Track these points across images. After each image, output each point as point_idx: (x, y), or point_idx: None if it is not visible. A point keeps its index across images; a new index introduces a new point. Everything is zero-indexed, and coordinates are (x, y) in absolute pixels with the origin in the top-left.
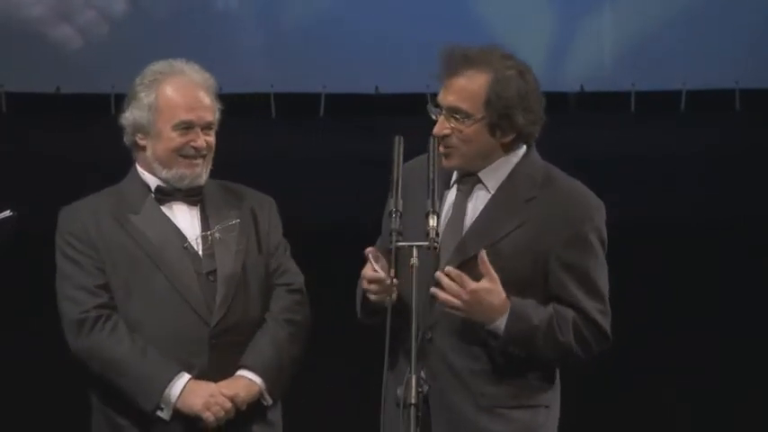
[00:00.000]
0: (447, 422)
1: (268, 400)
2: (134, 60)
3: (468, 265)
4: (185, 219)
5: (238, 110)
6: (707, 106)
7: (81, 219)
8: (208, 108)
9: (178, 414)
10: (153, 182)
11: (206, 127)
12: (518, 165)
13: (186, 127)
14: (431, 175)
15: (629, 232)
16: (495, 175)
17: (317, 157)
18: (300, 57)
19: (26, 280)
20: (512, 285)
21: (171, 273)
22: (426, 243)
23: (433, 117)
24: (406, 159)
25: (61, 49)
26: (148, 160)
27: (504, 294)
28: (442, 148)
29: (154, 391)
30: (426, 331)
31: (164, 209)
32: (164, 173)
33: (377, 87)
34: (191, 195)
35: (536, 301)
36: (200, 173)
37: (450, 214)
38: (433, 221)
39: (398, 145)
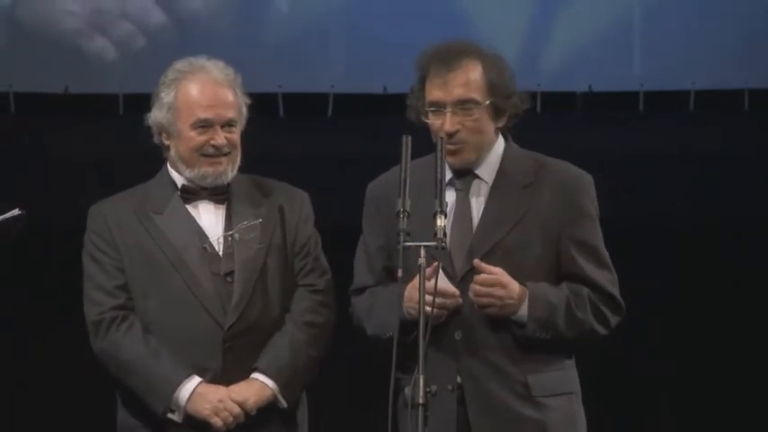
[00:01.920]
0: (489, 416)
1: (282, 404)
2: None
3: (489, 260)
4: (210, 218)
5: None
6: (715, 106)
7: (105, 217)
8: (228, 105)
9: (189, 417)
10: (180, 180)
11: (226, 124)
12: (504, 154)
13: (204, 125)
14: (438, 176)
15: (638, 231)
16: (487, 167)
17: (324, 157)
18: (308, 57)
19: (30, 279)
20: (527, 272)
21: (188, 274)
22: (434, 243)
23: (426, 120)
24: (413, 159)
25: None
26: (173, 159)
27: (517, 283)
28: (451, 146)
29: (163, 394)
30: (455, 331)
31: (189, 207)
32: (187, 172)
33: (385, 87)
34: (217, 194)
35: (550, 283)
36: (224, 171)
37: (455, 214)
38: (440, 221)
39: (406, 145)
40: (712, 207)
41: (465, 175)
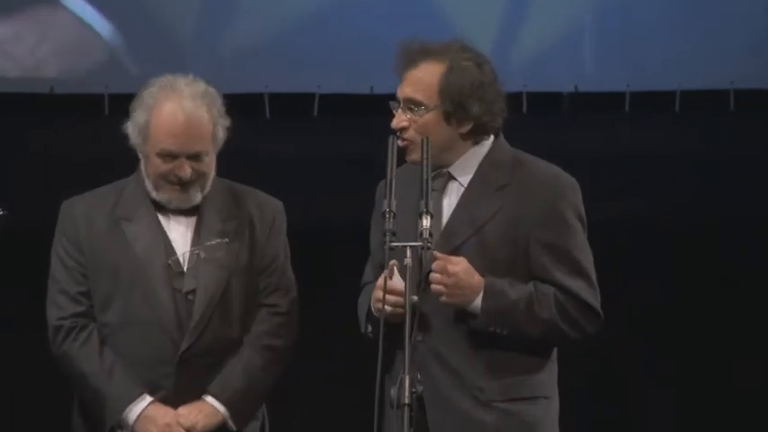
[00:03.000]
0: (445, 420)
1: (232, 428)
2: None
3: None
4: (179, 229)
5: (232, 110)
6: (701, 107)
7: (75, 218)
8: (196, 136)
9: None
10: (151, 193)
11: (192, 157)
12: (486, 155)
13: (169, 155)
14: (425, 176)
15: (624, 232)
16: (464, 168)
17: (311, 158)
18: (294, 57)
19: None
20: (496, 272)
21: (149, 289)
22: (420, 243)
23: (394, 112)
24: (400, 160)
25: None
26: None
27: (477, 275)
28: (401, 143)
29: (113, 412)
30: (418, 333)
31: (161, 217)
32: (154, 193)
33: (371, 87)
34: (186, 210)
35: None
36: (190, 197)
37: None
38: (426, 222)
39: (392, 145)
40: (699, 207)
41: (442, 175)
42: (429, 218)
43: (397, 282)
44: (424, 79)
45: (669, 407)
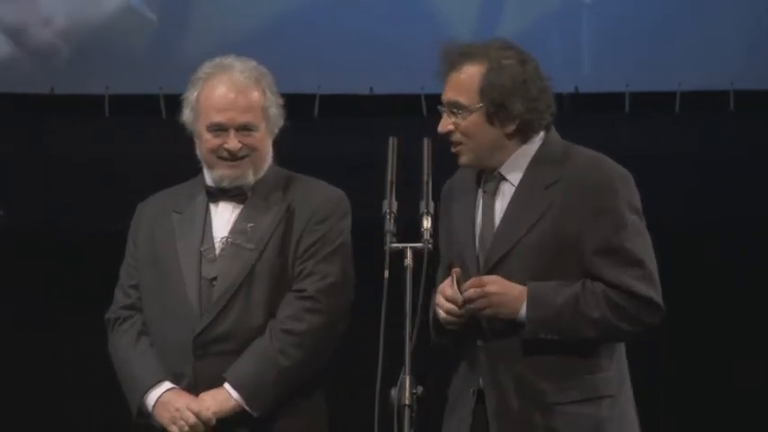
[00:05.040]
0: (505, 423)
1: (253, 414)
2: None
3: (506, 262)
4: (224, 218)
5: None
6: (701, 107)
7: (140, 216)
8: (244, 109)
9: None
10: (208, 180)
11: (241, 128)
12: (537, 153)
13: (218, 129)
14: (425, 177)
15: None
16: (515, 168)
17: (311, 158)
18: (295, 57)
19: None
20: (551, 272)
21: (179, 277)
22: (420, 245)
23: (441, 117)
24: (399, 159)
25: None
26: (201, 159)
27: (518, 286)
28: (452, 147)
29: (136, 398)
30: (477, 339)
31: (212, 207)
32: (208, 177)
33: (371, 88)
34: (237, 194)
35: (573, 282)
36: (243, 174)
37: (481, 217)
38: (426, 223)
39: (393, 146)
40: (699, 207)
41: (494, 177)
42: (429, 218)
43: (455, 291)
44: (465, 81)
45: (669, 407)
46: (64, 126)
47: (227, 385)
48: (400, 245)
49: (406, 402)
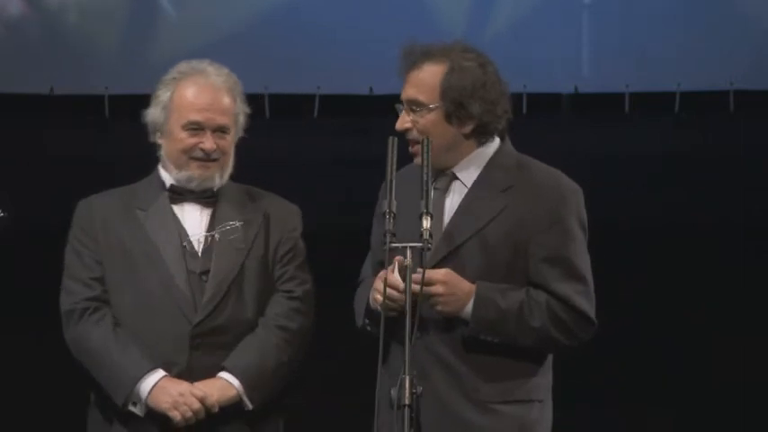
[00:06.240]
0: (439, 420)
1: (248, 405)
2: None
3: (452, 259)
4: (194, 218)
5: None
6: (701, 107)
7: (92, 212)
8: (221, 111)
9: (151, 412)
10: (168, 180)
11: (218, 129)
12: (492, 157)
13: (195, 128)
14: (425, 177)
15: (624, 233)
16: (468, 169)
17: (311, 158)
18: (295, 58)
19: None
20: (496, 274)
21: (164, 270)
22: (420, 244)
23: (399, 114)
24: (399, 160)
25: None
26: (164, 159)
27: (467, 282)
28: (409, 148)
29: (125, 386)
30: (415, 332)
31: (175, 207)
32: (175, 173)
33: (371, 88)
34: (203, 197)
35: (517, 287)
36: (211, 176)
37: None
38: (426, 222)
39: (392, 146)
40: (699, 207)
41: (445, 175)
42: (429, 219)
43: (397, 277)
44: (425, 80)
45: (669, 407)
46: (64, 126)
47: (226, 374)
48: (400, 244)
49: (407, 402)
